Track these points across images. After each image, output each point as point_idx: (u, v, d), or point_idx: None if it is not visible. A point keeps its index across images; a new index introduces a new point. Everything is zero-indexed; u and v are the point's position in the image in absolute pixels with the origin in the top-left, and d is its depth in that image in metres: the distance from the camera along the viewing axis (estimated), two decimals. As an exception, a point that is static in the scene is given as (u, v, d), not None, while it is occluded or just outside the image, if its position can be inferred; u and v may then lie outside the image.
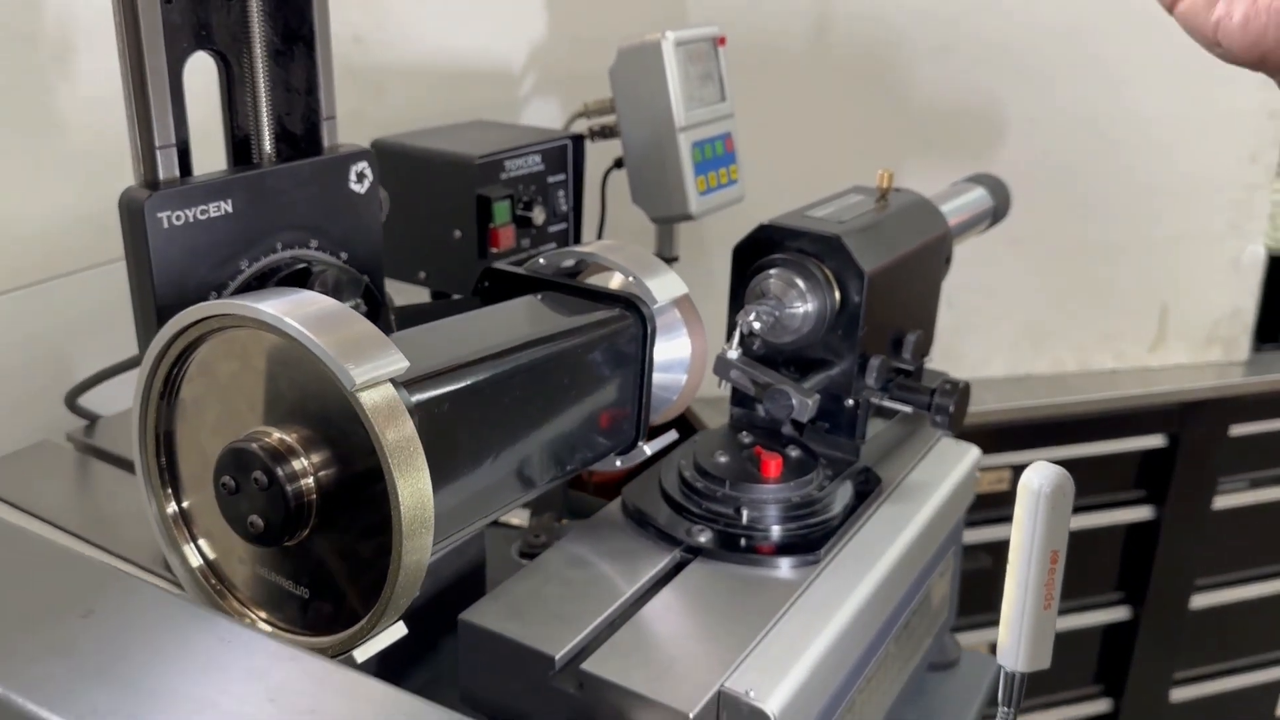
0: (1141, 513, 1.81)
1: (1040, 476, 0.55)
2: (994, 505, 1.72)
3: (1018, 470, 1.78)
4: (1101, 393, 1.70)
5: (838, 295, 0.89)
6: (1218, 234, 1.74)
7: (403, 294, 1.16)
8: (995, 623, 1.99)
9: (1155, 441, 1.76)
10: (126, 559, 0.85)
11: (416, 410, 0.61)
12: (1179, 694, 1.95)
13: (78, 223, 1.16)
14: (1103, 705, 1.93)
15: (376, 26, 1.39)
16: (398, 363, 0.57)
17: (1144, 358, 1.76)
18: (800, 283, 0.88)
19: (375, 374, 0.56)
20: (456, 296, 1.15)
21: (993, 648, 1.80)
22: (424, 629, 0.83)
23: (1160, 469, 1.79)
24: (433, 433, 0.63)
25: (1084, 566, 1.84)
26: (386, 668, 0.81)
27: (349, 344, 0.56)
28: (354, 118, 1.42)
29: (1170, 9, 0.66)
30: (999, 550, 1.75)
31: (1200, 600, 1.89)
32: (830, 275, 0.89)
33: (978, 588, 1.76)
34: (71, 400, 1.01)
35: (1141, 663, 1.89)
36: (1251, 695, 2.02)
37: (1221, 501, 1.83)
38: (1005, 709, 0.59)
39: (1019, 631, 0.57)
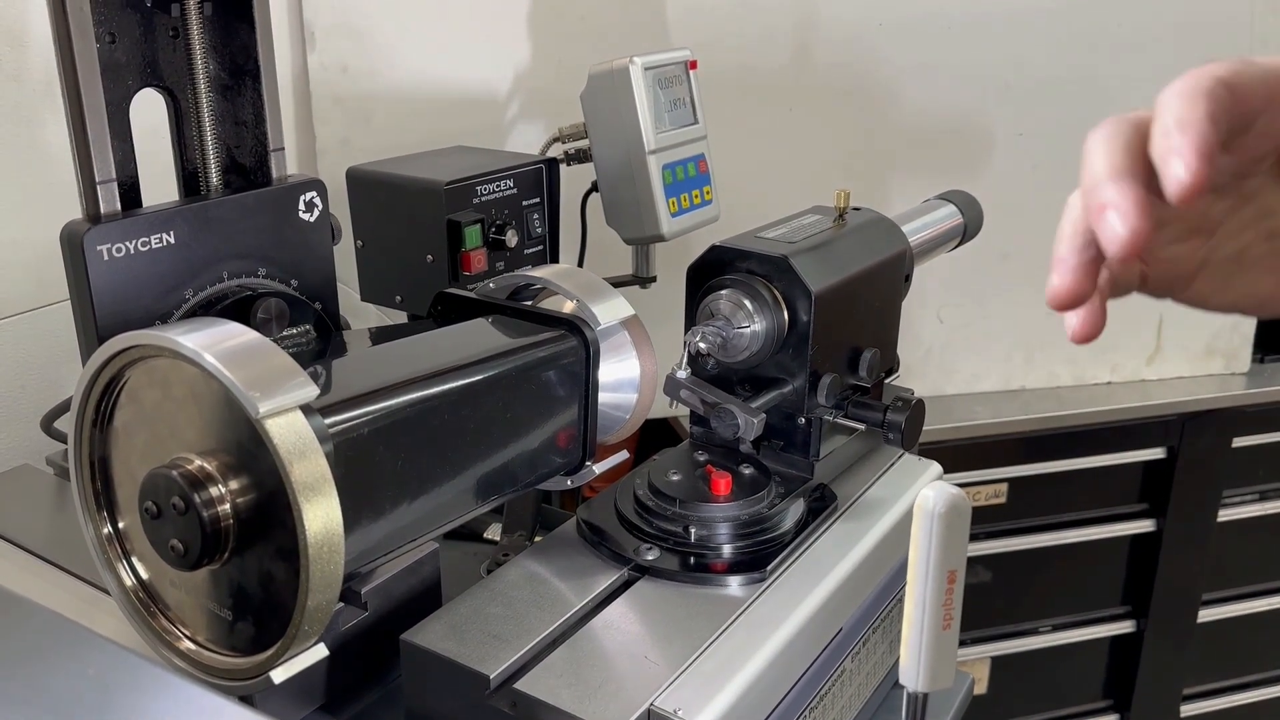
0: (1144, 525, 1.79)
1: (935, 497, 0.56)
2: (991, 519, 1.72)
3: (1015, 484, 1.78)
4: (1097, 406, 1.69)
5: (787, 315, 0.90)
6: (1216, 244, 1.72)
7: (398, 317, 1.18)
8: (994, 638, 1.97)
9: (1156, 454, 1.75)
10: (95, 585, 0.87)
11: (333, 436, 0.63)
12: (1189, 709, 1.93)
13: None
14: (1111, 720, 1.91)
15: (363, 56, 1.41)
16: (306, 390, 0.59)
17: (1141, 370, 1.75)
18: (748, 303, 0.89)
19: (281, 402, 0.57)
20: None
21: (994, 662, 1.79)
22: (376, 647, 0.84)
23: (1162, 481, 1.77)
24: (353, 457, 0.65)
25: (1088, 579, 1.83)
26: (337, 686, 0.83)
27: (257, 373, 0.58)
28: (342, 146, 1.46)
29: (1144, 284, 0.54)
30: (997, 564, 1.74)
31: (1208, 614, 1.87)
32: (779, 295, 0.89)
33: (975, 603, 1.75)
34: (48, 424, 1.04)
35: (1149, 676, 1.87)
36: (1266, 711, 1.99)
37: (1227, 514, 1.81)
38: (908, 728, 0.59)
39: (918, 652, 0.57)
